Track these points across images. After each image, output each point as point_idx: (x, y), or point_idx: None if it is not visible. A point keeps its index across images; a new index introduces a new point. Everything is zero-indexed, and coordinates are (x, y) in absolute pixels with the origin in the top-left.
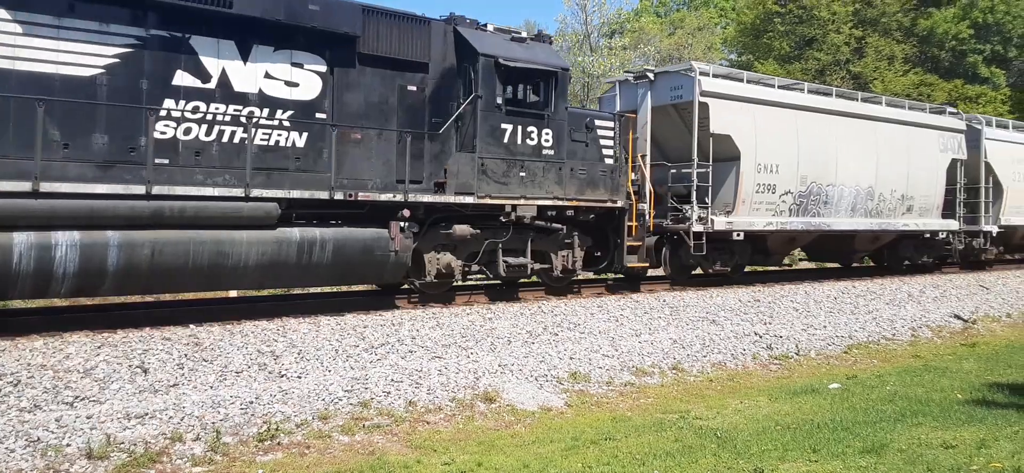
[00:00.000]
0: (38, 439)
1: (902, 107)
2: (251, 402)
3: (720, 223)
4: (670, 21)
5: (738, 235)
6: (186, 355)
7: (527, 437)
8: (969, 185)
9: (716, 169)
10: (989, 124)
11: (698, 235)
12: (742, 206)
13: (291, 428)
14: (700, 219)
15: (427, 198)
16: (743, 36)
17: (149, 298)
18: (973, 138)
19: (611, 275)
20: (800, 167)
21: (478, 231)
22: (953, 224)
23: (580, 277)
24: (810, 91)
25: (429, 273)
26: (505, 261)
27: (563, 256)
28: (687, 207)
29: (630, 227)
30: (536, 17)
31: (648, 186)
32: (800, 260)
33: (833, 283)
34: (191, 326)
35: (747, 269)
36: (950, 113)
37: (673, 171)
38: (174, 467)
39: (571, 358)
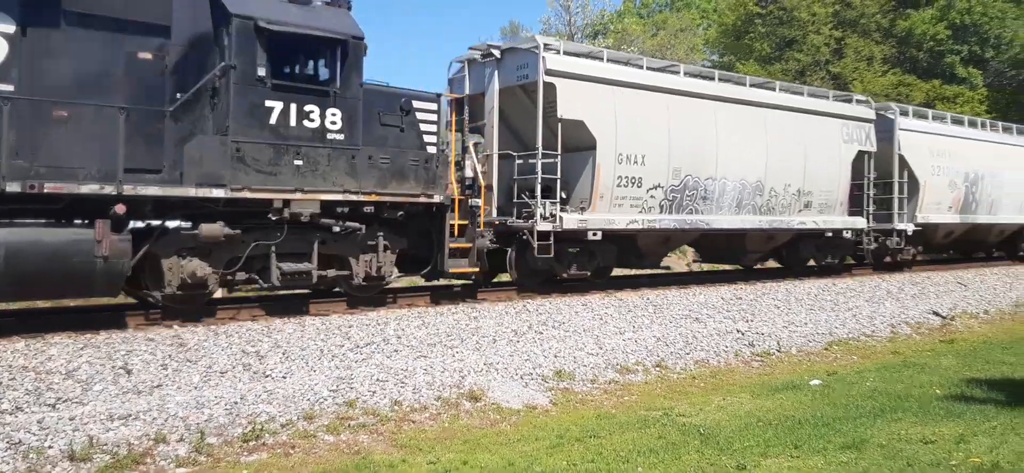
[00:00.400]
0: (20, 441)
1: (800, 93)
2: (236, 402)
3: (571, 221)
4: (653, 22)
5: (595, 234)
6: (170, 356)
7: (512, 435)
8: (881, 179)
9: (570, 160)
10: (904, 113)
11: (544, 235)
12: (600, 202)
13: (276, 428)
14: (547, 216)
15: (154, 190)
16: (725, 37)
17: (132, 300)
18: (885, 128)
19: (457, 282)
20: (672, 158)
21: (238, 231)
22: (860, 222)
23: (394, 285)
24: (687, 74)
25: (169, 284)
26: (279, 268)
27: (366, 261)
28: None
29: (460, 226)
30: (520, 18)
31: (491, 178)
32: (693, 263)
33: (814, 281)
34: (175, 326)
35: (616, 273)
36: (858, 101)
37: (520, 162)
38: (158, 468)
39: (556, 356)
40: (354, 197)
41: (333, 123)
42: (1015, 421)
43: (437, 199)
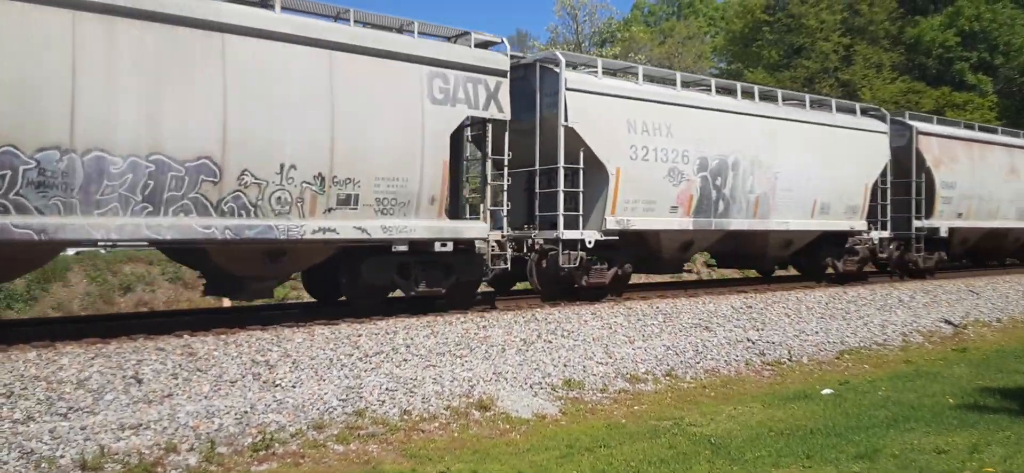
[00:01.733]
0: (32, 451)
1: (346, 18)
2: (245, 412)
3: None
4: (660, 30)
5: None
6: (180, 365)
7: (522, 445)
8: (545, 167)
9: None
10: (576, 66)
11: None
12: None
13: (286, 438)
14: None
15: None
16: (732, 45)
17: (143, 308)
18: (550, 89)
19: None
20: None
21: None
22: (476, 227)
23: None
24: None
25: None
26: None
27: None
28: None
29: None
30: (527, 25)
31: None
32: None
33: (825, 289)
34: (185, 336)
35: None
36: (480, 44)
37: None
38: None
39: (565, 365)
40: None
41: None
42: None
43: None
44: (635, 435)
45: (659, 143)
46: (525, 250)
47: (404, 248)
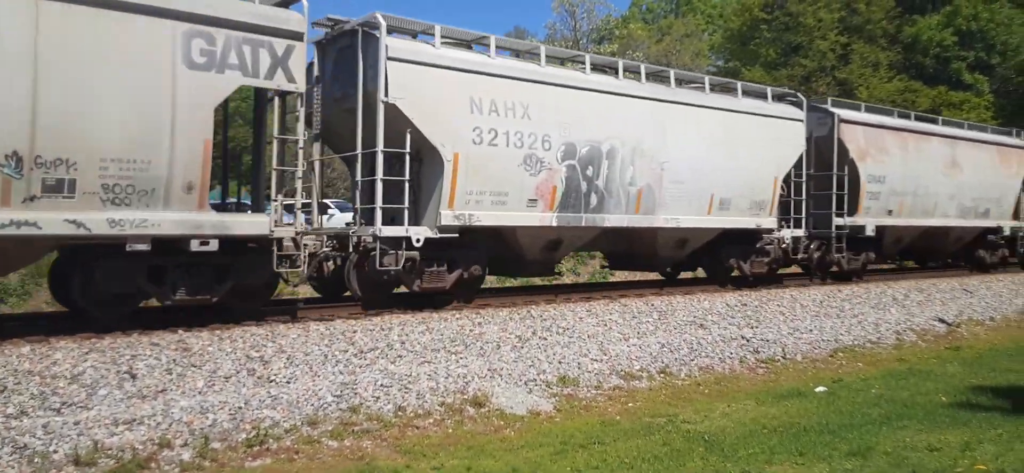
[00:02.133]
0: (25, 446)
1: None
2: (240, 408)
3: None
4: (658, 27)
5: None
6: (174, 360)
7: (516, 441)
8: (367, 151)
9: None
10: (415, 35)
11: None
12: None
13: (280, 433)
14: None
15: None
16: (730, 43)
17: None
18: (372, 59)
19: None
20: None
21: None
22: (254, 222)
23: None
24: None
25: None
26: None
27: None
28: None
29: None
30: (525, 23)
31: None
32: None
33: (819, 287)
34: (180, 331)
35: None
36: (275, 2)
37: None
38: None
39: (560, 362)
40: None
41: None
42: (1021, 429)
43: None
44: (629, 432)
45: (512, 126)
46: (351, 249)
47: (144, 247)
